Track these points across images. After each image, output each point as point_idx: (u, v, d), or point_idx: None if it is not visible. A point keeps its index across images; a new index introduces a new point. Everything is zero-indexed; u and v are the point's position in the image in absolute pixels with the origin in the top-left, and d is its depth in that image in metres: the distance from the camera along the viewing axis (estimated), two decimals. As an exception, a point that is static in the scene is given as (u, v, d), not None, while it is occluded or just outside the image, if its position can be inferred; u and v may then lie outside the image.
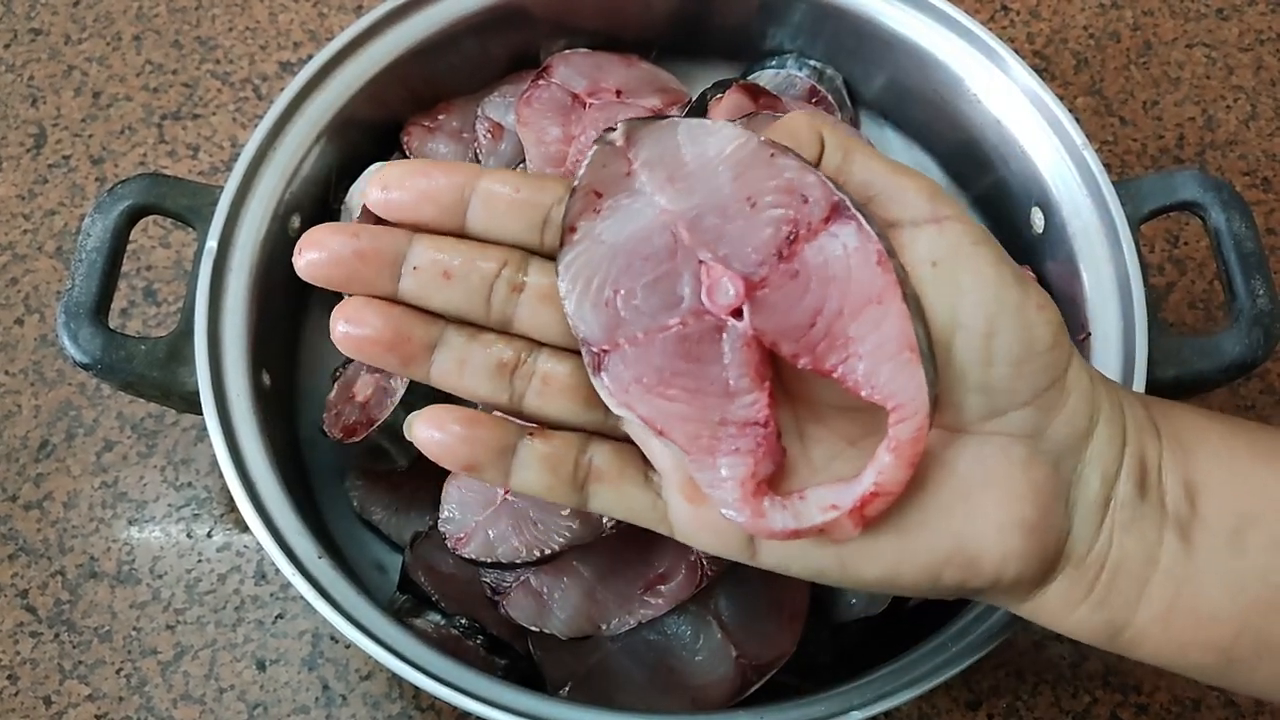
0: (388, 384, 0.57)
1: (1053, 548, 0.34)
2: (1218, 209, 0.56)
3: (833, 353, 0.33)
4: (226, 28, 0.77)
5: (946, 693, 0.60)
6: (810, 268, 0.33)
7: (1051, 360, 0.33)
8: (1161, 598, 0.35)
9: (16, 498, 0.64)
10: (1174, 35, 0.78)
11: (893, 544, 0.34)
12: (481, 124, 0.64)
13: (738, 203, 0.33)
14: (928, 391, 0.32)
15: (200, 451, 0.65)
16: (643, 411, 0.34)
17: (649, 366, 0.34)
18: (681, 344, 0.34)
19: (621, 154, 0.34)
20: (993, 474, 0.34)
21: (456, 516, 0.52)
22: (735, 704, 0.52)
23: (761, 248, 0.33)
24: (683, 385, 0.34)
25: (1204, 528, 0.35)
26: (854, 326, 0.33)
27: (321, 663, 0.60)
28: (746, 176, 0.33)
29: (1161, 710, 0.60)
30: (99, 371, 0.53)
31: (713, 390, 0.34)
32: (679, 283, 0.34)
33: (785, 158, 0.33)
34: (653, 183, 0.34)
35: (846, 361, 0.33)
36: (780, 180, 0.33)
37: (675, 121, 0.34)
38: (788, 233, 0.33)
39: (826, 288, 0.33)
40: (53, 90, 0.75)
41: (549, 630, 0.51)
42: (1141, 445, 0.35)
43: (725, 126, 0.34)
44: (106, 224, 0.55)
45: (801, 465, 0.35)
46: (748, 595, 0.53)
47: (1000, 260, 0.34)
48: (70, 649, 0.60)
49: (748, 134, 0.33)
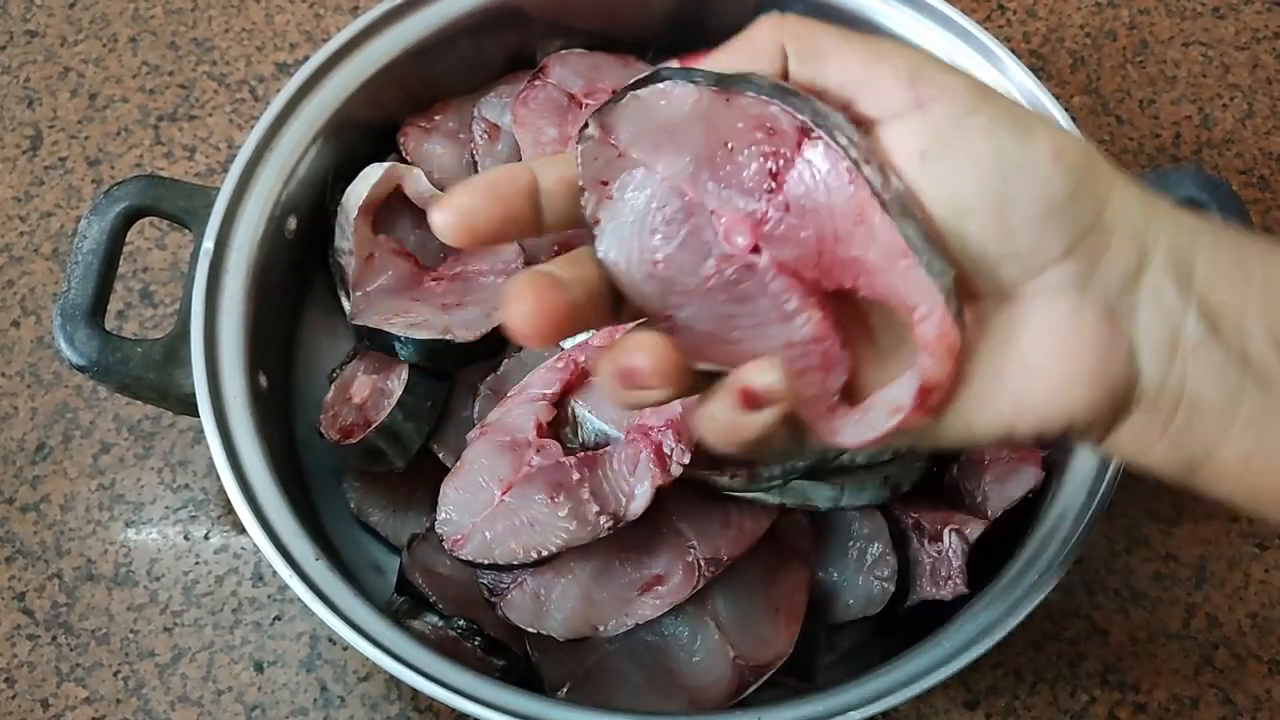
0: (384, 385, 0.57)
1: (1120, 391, 0.33)
2: (1214, 207, 0.56)
3: (846, 274, 0.34)
4: (223, 29, 0.77)
5: (944, 692, 0.60)
6: (795, 199, 0.34)
7: (1078, 208, 0.32)
8: (1240, 445, 0.34)
9: (13, 500, 0.64)
10: (1170, 34, 0.78)
11: (960, 417, 0.34)
12: (478, 124, 0.64)
13: (719, 151, 0.34)
14: (938, 287, 0.32)
15: (197, 453, 0.65)
16: (721, 360, 0.35)
17: (710, 317, 0.35)
18: (727, 288, 0.35)
19: (604, 142, 0.35)
20: (1043, 332, 0.33)
21: (454, 518, 0.52)
22: (733, 705, 0.52)
23: (751, 189, 0.34)
24: (742, 324, 0.35)
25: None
26: (852, 248, 0.33)
27: (319, 664, 0.60)
28: (715, 125, 0.34)
29: (1159, 709, 0.60)
30: (95, 374, 0.53)
31: (770, 319, 0.35)
32: (704, 235, 0.35)
33: (740, 96, 0.34)
34: (645, 155, 0.35)
35: (859, 279, 0.34)
36: (744, 120, 0.34)
37: (635, 95, 0.35)
38: (769, 167, 0.34)
39: (817, 217, 0.34)
40: (49, 92, 0.75)
41: (546, 631, 0.51)
42: (1215, 287, 0.33)
43: (677, 86, 0.34)
44: (103, 226, 0.55)
45: (875, 364, 0.35)
46: (745, 596, 0.53)
47: (995, 124, 0.32)
48: (68, 651, 0.60)
49: (696, 88, 0.34)
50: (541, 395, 0.54)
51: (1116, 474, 0.51)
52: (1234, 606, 0.62)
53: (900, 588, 0.54)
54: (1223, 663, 0.61)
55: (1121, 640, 0.61)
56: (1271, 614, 0.62)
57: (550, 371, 0.55)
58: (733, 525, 0.51)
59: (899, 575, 0.54)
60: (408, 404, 0.55)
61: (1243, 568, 0.63)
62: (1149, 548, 0.63)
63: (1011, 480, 0.55)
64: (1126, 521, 0.64)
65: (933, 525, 0.54)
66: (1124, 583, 0.62)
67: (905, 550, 0.54)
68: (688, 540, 0.52)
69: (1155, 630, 0.61)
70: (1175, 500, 0.64)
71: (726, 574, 0.52)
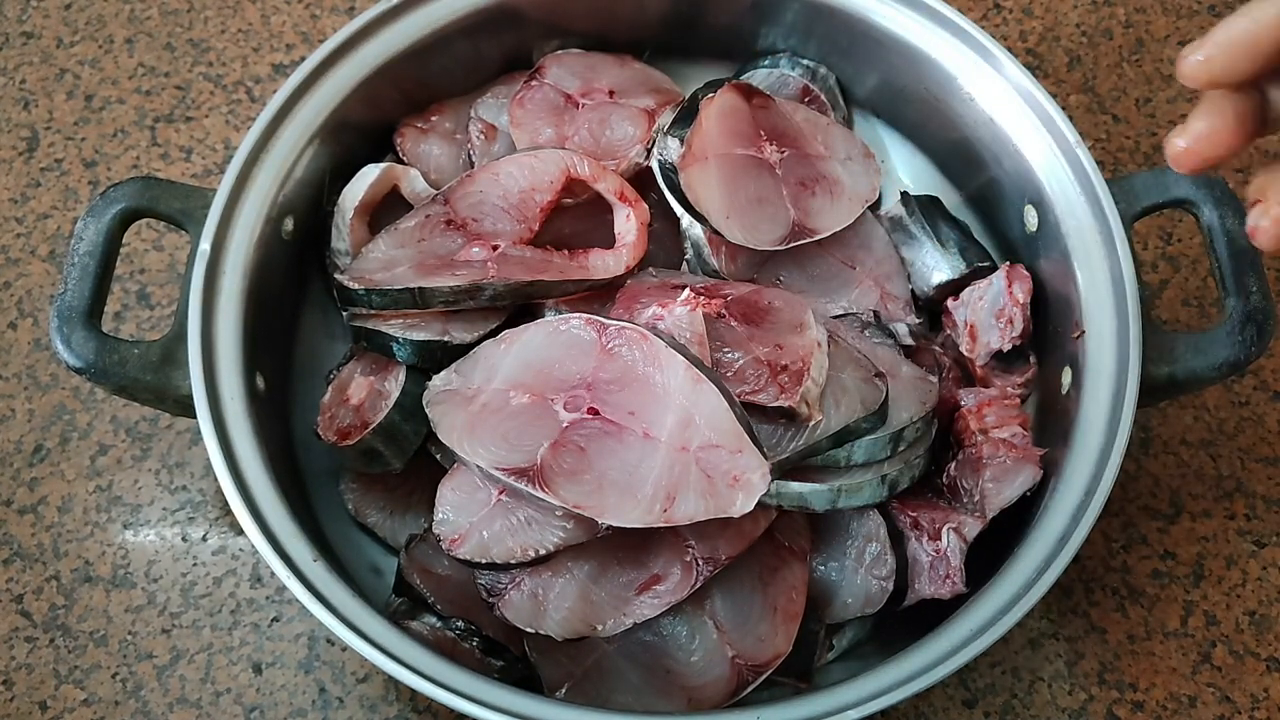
0: (382, 387, 0.57)
1: None
2: (1211, 206, 0.56)
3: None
4: (219, 30, 0.77)
5: (943, 691, 0.60)
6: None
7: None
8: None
9: (10, 502, 0.64)
10: (1166, 32, 0.78)
11: None
12: (475, 125, 0.64)
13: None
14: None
15: (195, 455, 0.65)
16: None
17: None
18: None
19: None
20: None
21: (451, 518, 0.52)
22: (732, 704, 0.52)
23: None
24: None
25: None
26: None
27: (318, 665, 0.60)
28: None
29: (1158, 707, 0.60)
30: (92, 375, 0.53)
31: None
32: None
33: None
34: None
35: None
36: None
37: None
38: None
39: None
40: (45, 93, 0.75)
41: (544, 631, 0.51)
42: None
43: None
44: (99, 227, 0.55)
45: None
46: (744, 596, 0.53)
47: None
48: (66, 654, 0.60)
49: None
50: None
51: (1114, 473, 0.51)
52: (1232, 604, 0.62)
53: (898, 587, 0.54)
54: (1220, 660, 0.61)
55: (1119, 638, 0.61)
56: (1269, 611, 0.62)
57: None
58: (731, 525, 0.51)
59: (897, 574, 0.54)
60: (405, 405, 0.55)
61: (1240, 565, 0.63)
62: (1147, 546, 0.63)
63: (1009, 479, 0.55)
64: (1124, 520, 0.64)
65: (931, 524, 0.54)
66: (1122, 581, 0.62)
67: (903, 549, 0.55)
68: (685, 540, 0.52)
69: (1153, 628, 0.61)
70: (1173, 498, 0.64)
71: (725, 573, 0.52)
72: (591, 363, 0.51)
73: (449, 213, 0.58)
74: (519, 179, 0.58)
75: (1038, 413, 0.61)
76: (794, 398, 0.50)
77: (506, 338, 0.54)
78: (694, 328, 0.52)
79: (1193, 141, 0.40)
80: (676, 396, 0.48)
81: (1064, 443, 0.54)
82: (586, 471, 0.48)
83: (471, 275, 0.55)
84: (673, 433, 0.48)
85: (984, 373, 0.60)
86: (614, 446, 0.48)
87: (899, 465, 0.53)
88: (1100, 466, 0.52)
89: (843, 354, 0.54)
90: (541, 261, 0.56)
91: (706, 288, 0.56)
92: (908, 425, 0.53)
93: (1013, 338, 0.59)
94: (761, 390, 0.51)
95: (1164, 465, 0.65)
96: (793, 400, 0.50)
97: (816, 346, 0.52)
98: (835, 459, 0.52)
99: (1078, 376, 0.55)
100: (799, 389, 0.50)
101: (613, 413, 0.49)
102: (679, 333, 0.51)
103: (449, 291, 0.54)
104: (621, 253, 0.58)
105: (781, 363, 0.52)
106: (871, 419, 0.52)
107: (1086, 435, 0.53)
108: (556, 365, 0.51)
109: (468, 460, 0.50)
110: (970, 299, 0.61)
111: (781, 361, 0.52)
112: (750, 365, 0.52)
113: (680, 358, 0.49)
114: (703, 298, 0.53)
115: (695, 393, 0.48)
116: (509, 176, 0.59)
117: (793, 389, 0.50)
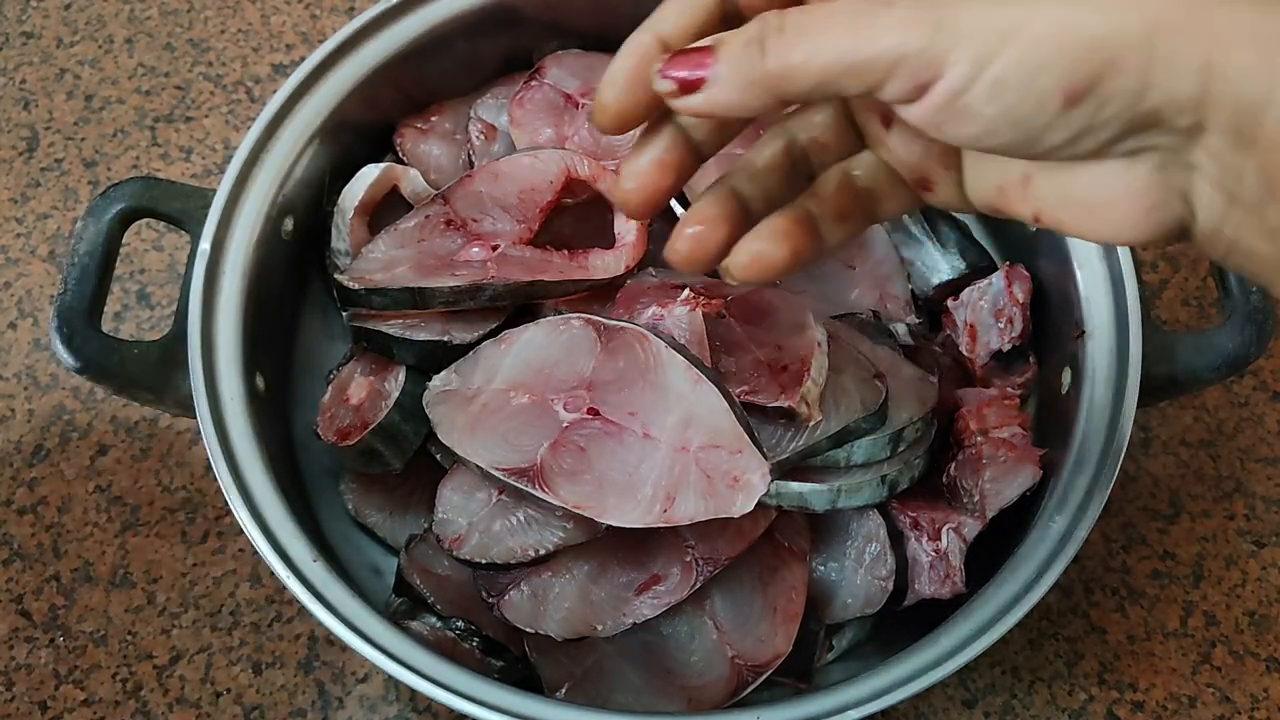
0: (381, 387, 0.57)
1: (1171, 229, 0.34)
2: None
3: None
4: (219, 30, 0.77)
5: (943, 691, 0.60)
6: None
7: (1106, 117, 0.32)
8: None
9: (10, 502, 0.64)
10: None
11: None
12: (474, 125, 0.64)
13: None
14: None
15: (195, 455, 0.65)
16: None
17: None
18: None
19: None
20: (1096, 184, 0.34)
21: (451, 518, 0.52)
22: (732, 704, 0.52)
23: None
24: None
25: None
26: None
27: (318, 666, 0.60)
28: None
29: (1157, 707, 0.60)
30: (92, 375, 0.53)
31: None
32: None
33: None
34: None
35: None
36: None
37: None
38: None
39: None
40: (45, 93, 0.75)
41: (544, 631, 0.51)
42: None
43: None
44: (99, 227, 0.55)
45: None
46: (743, 596, 0.53)
47: (999, 90, 0.32)
48: (65, 654, 0.60)
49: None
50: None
51: (1114, 473, 0.51)
52: (1231, 604, 0.62)
53: (898, 587, 0.54)
54: (1220, 661, 0.61)
55: (1119, 639, 0.61)
56: (1269, 611, 0.62)
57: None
58: (731, 525, 0.51)
59: (897, 574, 0.54)
60: (405, 405, 0.55)
61: (1240, 565, 0.63)
62: (1146, 546, 0.63)
63: (1009, 479, 0.55)
64: (1124, 520, 0.64)
65: (931, 524, 0.54)
66: (1121, 581, 0.62)
67: (903, 549, 0.55)
68: (685, 540, 0.52)
69: (1153, 628, 0.61)
70: (1173, 498, 0.64)
71: (724, 573, 0.52)
72: (591, 363, 0.51)
73: (449, 213, 0.58)
74: (519, 179, 0.58)
75: (1038, 413, 0.61)
76: (794, 398, 0.50)
77: (506, 338, 0.54)
78: (694, 328, 0.52)
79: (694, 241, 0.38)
80: (676, 397, 0.48)
81: (1064, 443, 0.54)
82: (586, 472, 0.48)
83: (471, 275, 0.55)
84: (673, 433, 0.48)
85: (984, 373, 0.60)
86: (614, 447, 0.48)
87: (899, 465, 0.53)
88: (1100, 466, 0.52)
89: (843, 354, 0.54)
90: (541, 261, 0.56)
91: (706, 288, 0.56)
92: (907, 425, 0.53)
93: (1012, 338, 0.59)
94: (761, 390, 0.51)
95: (1164, 465, 0.65)
96: (793, 401, 0.50)
97: (816, 347, 0.52)
98: (835, 459, 0.52)
99: (1078, 376, 0.55)
100: (799, 389, 0.50)
101: (613, 413, 0.49)
102: (679, 333, 0.52)
103: (449, 292, 0.54)
104: (621, 253, 0.58)
105: (781, 363, 0.52)
106: (871, 419, 0.52)
107: (1086, 435, 0.53)
108: (556, 365, 0.51)
109: (468, 460, 0.50)
110: (970, 299, 0.61)
111: (781, 362, 0.52)
112: (750, 365, 0.52)
113: (680, 358, 0.49)
114: (702, 298, 0.53)
115: (695, 393, 0.48)
116: (509, 177, 0.59)
117: (793, 389, 0.50)
